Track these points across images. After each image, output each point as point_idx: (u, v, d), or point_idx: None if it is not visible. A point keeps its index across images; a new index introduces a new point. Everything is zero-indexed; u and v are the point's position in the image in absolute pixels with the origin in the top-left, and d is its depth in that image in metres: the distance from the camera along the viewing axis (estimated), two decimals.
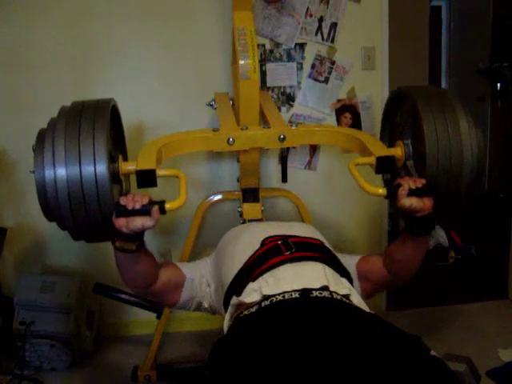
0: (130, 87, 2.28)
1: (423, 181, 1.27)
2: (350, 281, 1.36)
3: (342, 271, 1.36)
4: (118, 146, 1.53)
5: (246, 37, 1.59)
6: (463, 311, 2.53)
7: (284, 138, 1.55)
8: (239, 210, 1.93)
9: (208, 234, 2.32)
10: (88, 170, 1.23)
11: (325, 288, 1.18)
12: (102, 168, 1.24)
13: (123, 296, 2.06)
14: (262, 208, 1.92)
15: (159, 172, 1.31)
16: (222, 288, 1.38)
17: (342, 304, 1.15)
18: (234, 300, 1.27)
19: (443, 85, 5.13)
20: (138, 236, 1.22)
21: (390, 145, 1.64)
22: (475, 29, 4.46)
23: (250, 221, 1.85)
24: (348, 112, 2.42)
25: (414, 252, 1.36)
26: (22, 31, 2.17)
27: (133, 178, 1.38)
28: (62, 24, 2.20)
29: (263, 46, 2.30)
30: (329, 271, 1.27)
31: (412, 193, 1.23)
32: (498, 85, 4.24)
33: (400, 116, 1.61)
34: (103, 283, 2.08)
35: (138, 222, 1.16)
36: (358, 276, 1.44)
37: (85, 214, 1.26)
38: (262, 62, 2.30)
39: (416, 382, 0.89)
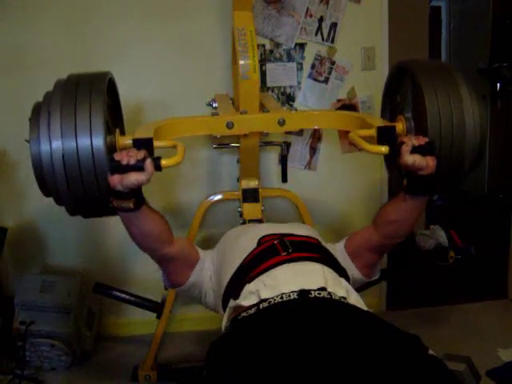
0: (130, 87, 2.27)
1: (426, 139, 1.24)
2: (348, 280, 1.36)
3: (340, 271, 1.36)
4: (115, 120, 1.50)
5: (246, 37, 1.59)
6: (463, 311, 2.53)
7: (284, 122, 1.54)
8: (239, 209, 1.93)
9: (208, 233, 2.32)
10: (84, 142, 1.20)
11: (323, 289, 1.18)
12: (98, 140, 1.21)
13: (123, 296, 2.06)
14: (262, 208, 1.92)
15: (157, 143, 1.29)
16: (219, 287, 1.38)
17: (340, 304, 1.15)
18: (232, 303, 1.26)
19: None
20: (134, 193, 1.18)
21: (392, 118, 1.61)
22: (475, 29, 4.46)
23: (250, 221, 1.85)
24: None
25: (411, 213, 1.35)
26: (23, 31, 2.18)
27: None
28: (62, 24, 2.20)
29: (263, 46, 2.30)
30: (327, 271, 1.27)
31: (415, 150, 1.21)
32: (498, 85, 4.23)
33: (401, 94, 1.58)
34: (103, 283, 2.08)
35: (133, 178, 1.13)
36: (350, 258, 1.44)
37: (81, 187, 1.23)
38: (262, 62, 2.30)
39: (414, 382, 0.90)
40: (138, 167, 1.13)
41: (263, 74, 2.32)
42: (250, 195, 1.92)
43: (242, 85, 1.57)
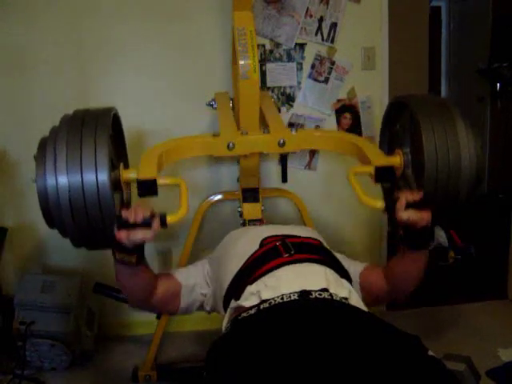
0: (130, 86, 2.28)
1: (421, 193, 1.26)
2: (350, 281, 1.36)
3: (342, 272, 1.36)
4: (119, 154, 1.54)
5: (246, 37, 1.59)
6: (463, 311, 2.53)
7: (284, 143, 1.56)
8: (239, 210, 1.94)
9: (208, 233, 2.32)
10: (89, 178, 1.25)
11: (325, 290, 1.18)
12: (103, 176, 1.25)
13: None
14: (262, 208, 1.92)
15: (160, 181, 1.33)
16: (220, 289, 1.38)
17: (341, 305, 1.15)
18: (233, 304, 1.27)
19: (443, 85, 5.14)
20: (138, 248, 1.23)
21: (390, 152, 1.65)
22: (475, 29, 4.46)
23: (250, 221, 1.85)
24: (348, 112, 2.42)
25: (413, 266, 1.35)
26: (22, 31, 2.17)
27: (134, 185, 1.40)
28: (63, 24, 2.20)
29: (263, 46, 2.30)
30: (329, 272, 1.27)
31: (410, 206, 1.23)
32: (498, 85, 4.23)
33: (399, 124, 1.62)
34: (103, 283, 2.08)
35: (139, 235, 1.17)
36: (360, 286, 1.43)
37: (86, 221, 1.27)
38: (262, 62, 2.31)
39: (414, 383, 0.90)
40: (145, 224, 1.17)
41: (263, 74, 2.32)
42: (250, 195, 1.92)
43: (242, 85, 1.57)
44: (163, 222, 1.19)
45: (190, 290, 1.45)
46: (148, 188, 1.31)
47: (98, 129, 1.30)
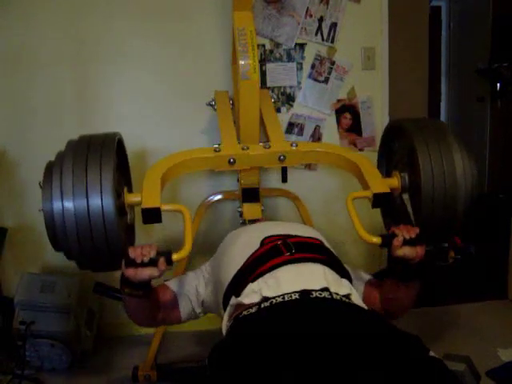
0: (130, 86, 2.28)
1: (417, 230, 1.28)
2: (350, 281, 1.37)
3: (343, 272, 1.36)
4: (123, 178, 1.56)
5: (246, 37, 1.59)
6: (463, 311, 2.53)
7: (284, 159, 1.58)
8: (239, 210, 1.93)
9: (208, 233, 2.32)
10: (95, 203, 1.28)
11: (325, 289, 1.18)
12: (108, 202, 1.28)
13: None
14: (262, 208, 1.92)
15: (164, 207, 1.36)
16: (221, 288, 1.38)
17: (341, 304, 1.15)
18: (233, 300, 1.27)
19: (443, 85, 5.13)
20: (145, 284, 1.27)
21: (388, 171, 1.69)
22: (475, 29, 4.45)
23: (250, 221, 1.85)
24: (348, 112, 2.42)
25: (406, 294, 1.37)
26: (22, 31, 2.18)
27: (137, 208, 1.43)
28: (62, 23, 2.20)
29: (263, 46, 2.30)
30: (329, 272, 1.28)
31: (406, 242, 1.26)
32: (498, 85, 4.23)
33: (397, 145, 1.67)
34: (103, 283, 2.07)
35: (146, 273, 1.21)
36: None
37: (91, 245, 1.30)
38: (262, 62, 2.31)
39: (415, 383, 0.90)
40: (152, 263, 1.21)
41: (263, 74, 2.32)
42: (250, 195, 1.92)
43: (242, 85, 1.57)
44: (169, 261, 1.23)
45: (185, 298, 1.48)
46: (152, 215, 1.35)
47: (103, 156, 1.33)
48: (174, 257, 1.24)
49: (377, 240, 1.32)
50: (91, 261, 1.37)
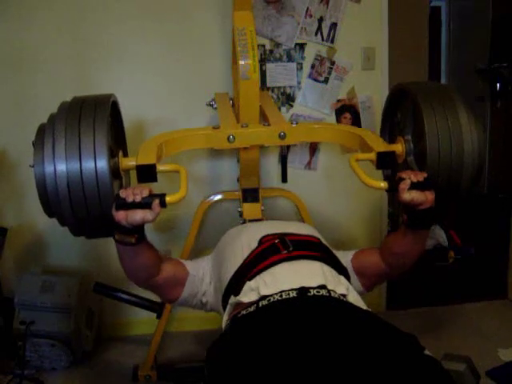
0: (130, 86, 2.28)
1: (425, 174, 1.25)
2: (348, 278, 1.37)
3: (340, 269, 1.36)
4: (118, 142, 1.52)
5: (246, 37, 1.59)
6: (463, 311, 2.53)
7: (284, 136, 1.55)
8: (239, 210, 1.93)
9: (208, 233, 2.31)
10: (88, 165, 1.23)
11: (322, 287, 1.18)
12: (102, 163, 1.23)
13: (123, 296, 2.05)
14: (262, 208, 1.92)
15: (159, 167, 1.31)
16: (220, 287, 1.38)
17: (339, 302, 1.15)
18: (232, 299, 1.27)
19: None
20: (137, 229, 1.20)
21: (391, 142, 1.64)
22: (475, 29, 4.45)
23: (250, 221, 1.85)
24: (348, 112, 2.42)
25: (413, 245, 1.35)
26: (22, 30, 2.17)
27: (133, 174, 1.38)
28: (62, 22, 2.20)
29: (263, 46, 2.30)
30: (327, 269, 1.28)
31: (413, 186, 1.22)
32: (498, 85, 4.23)
33: (400, 113, 1.61)
34: (103, 283, 2.08)
35: (138, 215, 1.15)
36: (355, 272, 1.44)
37: (85, 209, 1.25)
38: (262, 62, 2.30)
39: (409, 382, 0.90)
40: (144, 205, 1.15)
41: (263, 74, 2.32)
42: (250, 195, 1.92)
43: (242, 85, 1.57)
44: (162, 202, 1.17)
45: (195, 281, 1.44)
46: (147, 173, 1.29)
47: (96, 116, 1.28)
48: (168, 198, 1.18)
49: (384, 185, 1.28)
50: (85, 227, 1.32)
